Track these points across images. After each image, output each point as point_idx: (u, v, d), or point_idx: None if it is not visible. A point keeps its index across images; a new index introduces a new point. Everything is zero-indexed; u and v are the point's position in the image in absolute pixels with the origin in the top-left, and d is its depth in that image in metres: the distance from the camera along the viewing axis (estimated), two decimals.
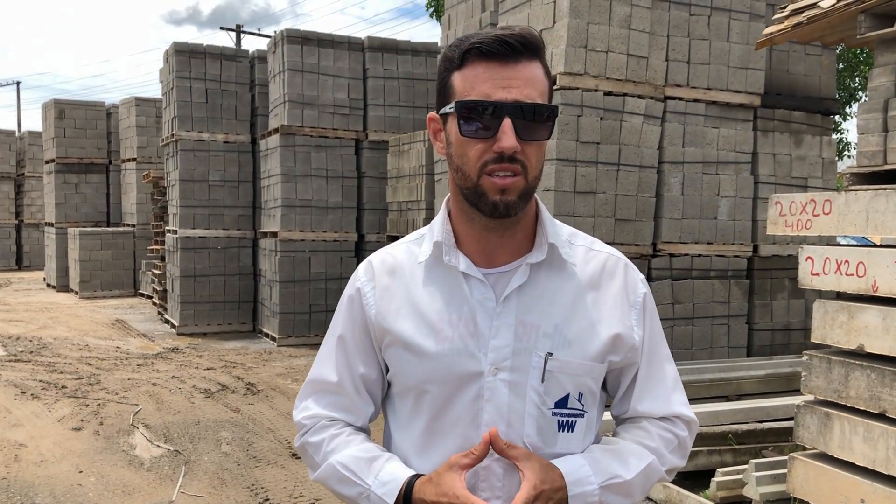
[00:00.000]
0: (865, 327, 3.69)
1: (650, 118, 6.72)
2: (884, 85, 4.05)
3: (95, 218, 17.44)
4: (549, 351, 1.33)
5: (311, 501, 4.74)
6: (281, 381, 8.05)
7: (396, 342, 1.38)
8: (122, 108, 16.60)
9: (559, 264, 1.38)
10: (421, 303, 1.38)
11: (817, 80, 7.69)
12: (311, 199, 10.31)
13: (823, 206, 3.90)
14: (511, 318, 1.34)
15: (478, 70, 1.27)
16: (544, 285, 1.36)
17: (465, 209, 1.35)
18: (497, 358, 1.33)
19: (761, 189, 7.21)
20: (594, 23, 6.39)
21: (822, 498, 3.88)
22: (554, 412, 1.35)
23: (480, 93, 1.26)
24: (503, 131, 1.25)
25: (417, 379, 1.37)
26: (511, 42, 1.26)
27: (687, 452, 1.48)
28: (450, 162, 1.34)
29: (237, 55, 11.66)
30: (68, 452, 5.66)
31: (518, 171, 1.27)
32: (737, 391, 6.10)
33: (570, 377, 1.35)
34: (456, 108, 1.28)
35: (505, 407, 1.33)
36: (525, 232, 1.38)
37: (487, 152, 1.27)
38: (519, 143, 1.26)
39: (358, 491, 1.35)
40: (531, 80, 1.28)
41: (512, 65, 1.27)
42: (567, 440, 1.36)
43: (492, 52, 1.26)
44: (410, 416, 1.40)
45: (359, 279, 1.46)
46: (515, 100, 1.25)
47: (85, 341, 10.43)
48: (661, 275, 6.84)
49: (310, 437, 1.46)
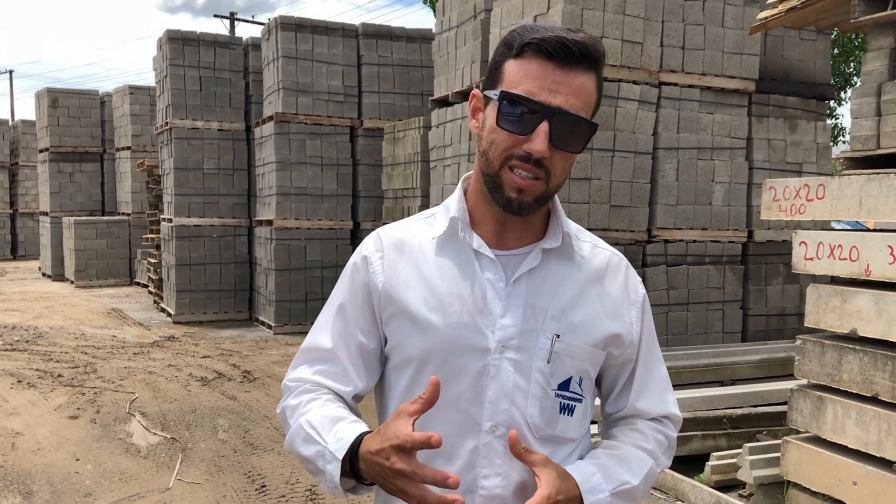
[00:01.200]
0: (858, 311, 3.71)
1: (645, 104, 6.72)
2: (877, 69, 4.05)
3: (90, 207, 17.39)
4: (557, 333, 1.35)
5: (308, 487, 4.76)
6: (277, 369, 8.06)
7: (402, 312, 1.37)
8: (115, 96, 16.53)
9: (569, 254, 1.41)
10: (431, 276, 1.38)
11: (812, 65, 7.68)
12: (306, 187, 10.29)
13: (817, 191, 3.91)
14: (520, 300, 1.35)
15: (531, 66, 1.27)
16: (554, 271, 1.39)
17: (484, 191, 1.36)
18: (504, 336, 1.34)
19: (756, 174, 7.22)
20: (588, 8, 6.37)
21: (816, 481, 3.91)
22: (557, 393, 1.36)
23: (527, 89, 1.26)
24: (537, 134, 1.25)
25: (421, 350, 1.35)
26: (571, 47, 1.25)
27: (674, 451, 1.53)
28: (479, 143, 1.35)
29: (231, 42, 11.60)
30: (65, 440, 5.67)
31: (541, 175, 1.28)
32: (731, 376, 6.12)
33: (573, 360, 1.37)
34: (500, 96, 1.28)
35: (510, 385, 1.34)
36: (539, 218, 1.40)
37: (516, 147, 1.27)
38: (549, 150, 1.26)
39: (316, 450, 1.31)
40: (580, 91, 1.27)
41: (566, 70, 1.26)
42: (566, 423, 1.38)
43: (550, 52, 1.25)
44: (409, 389, 1.38)
45: (367, 248, 1.44)
46: (559, 106, 1.25)
47: (81, 330, 10.43)
48: (655, 261, 6.86)
49: (290, 399, 1.43)
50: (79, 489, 4.77)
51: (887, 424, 3.55)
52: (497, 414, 1.34)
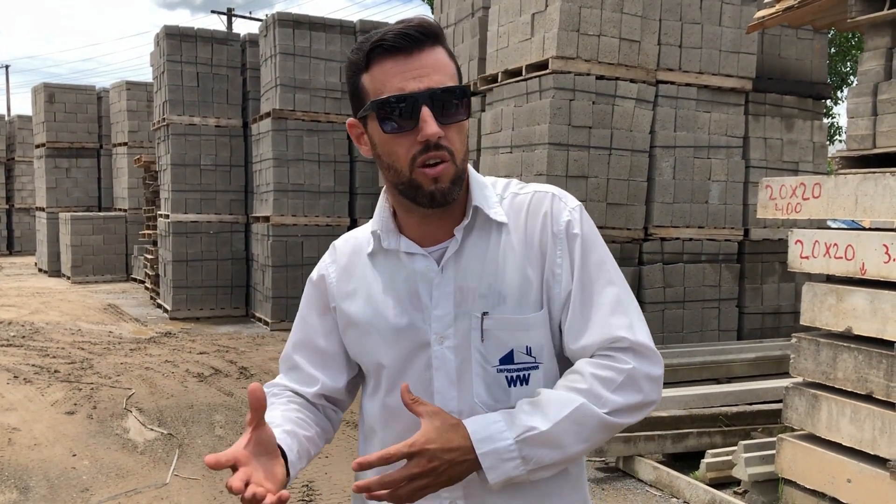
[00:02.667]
0: (853, 310, 3.73)
1: (642, 102, 6.73)
2: (873, 69, 4.07)
3: (87, 202, 17.36)
4: (485, 310, 1.35)
5: (305, 483, 4.77)
6: (274, 366, 8.06)
7: (351, 324, 1.44)
8: (112, 92, 16.50)
9: (489, 225, 1.39)
10: (372, 284, 1.43)
11: (809, 64, 7.70)
12: (303, 184, 10.29)
13: (813, 190, 3.93)
14: (450, 286, 1.36)
15: (385, 67, 1.28)
16: (476, 247, 1.38)
17: (402, 201, 1.37)
18: (440, 327, 1.36)
19: (752, 173, 7.24)
20: (586, 6, 6.38)
21: (810, 478, 3.93)
22: (500, 369, 1.36)
23: (393, 88, 1.27)
24: (423, 120, 1.26)
25: (372, 356, 1.42)
26: (412, 33, 1.27)
27: (642, 386, 1.30)
28: (379, 162, 1.35)
29: (228, 38, 11.58)
30: (62, 436, 5.67)
31: (446, 157, 1.29)
32: (727, 374, 6.15)
33: (509, 332, 1.35)
34: (372, 108, 1.29)
35: (454, 372, 1.35)
36: (460, 204, 1.39)
37: (414, 145, 1.28)
38: (441, 129, 1.27)
39: None
40: (438, 66, 1.29)
41: (416, 55, 1.28)
42: (523, 393, 1.35)
43: (396, 46, 1.27)
44: (373, 390, 1.45)
45: (324, 261, 1.53)
46: (428, 87, 1.27)
47: (77, 326, 10.42)
48: (652, 259, 6.88)
49: None
50: (75, 485, 4.77)
51: (881, 422, 3.57)
52: (447, 402, 1.35)
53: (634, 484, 4.77)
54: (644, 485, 4.74)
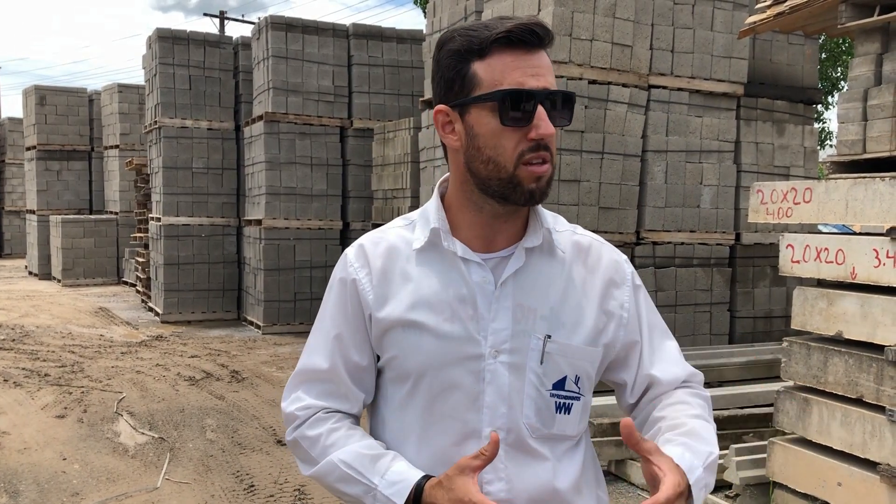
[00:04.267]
0: (844, 314, 3.75)
1: (634, 107, 6.75)
2: (864, 74, 4.09)
3: (78, 205, 17.29)
4: (548, 333, 1.34)
5: (297, 488, 4.76)
6: (266, 369, 8.05)
7: (395, 326, 1.36)
8: (104, 94, 16.45)
9: (550, 249, 1.39)
10: (421, 286, 1.36)
11: (800, 69, 7.74)
12: (295, 187, 10.28)
13: (804, 195, 3.95)
14: (509, 302, 1.35)
15: (506, 59, 1.27)
16: (539, 269, 1.38)
17: (475, 199, 1.35)
18: (497, 340, 1.33)
19: (744, 178, 7.27)
20: (579, 11, 6.40)
21: (801, 482, 3.94)
22: (552, 393, 1.36)
23: (513, 82, 1.26)
24: (540, 118, 1.26)
25: (418, 362, 1.35)
26: (537, 31, 1.27)
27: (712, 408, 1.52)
28: (475, 154, 1.31)
29: (221, 41, 11.57)
30: (52, 440, 5.64)
31: (548, 158, 1.30)
32: (719, 378, 6.16)
33: (567, 359, 1.36)
34: (497, 97, 1.26)
35: (506, 388, 1.33)
36: (521, 217, 1.39)
37: (522, 141, 1.28)
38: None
39: (363, 489, 1.32)
40: (550, 69, 1.31)
41: (533, 53, 1.28)
42: (564, 422, 1.37)
43: (522, 40, 1.27)
44: (407, 400, 1.38)
45: (351, 264, 1.41)
46: (545, 87, 1.28)
47: (68, 329, 10.38)
48: (644, 262, 6.89)
49: (306, 430, 1.41)
50: (66, 489, 4.75)
51: (871, 426, 3.59)
52: (496, 419, 1.34)
53: (626, 487, 4.78)
54: (636, 488, 4.75)
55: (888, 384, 3.51)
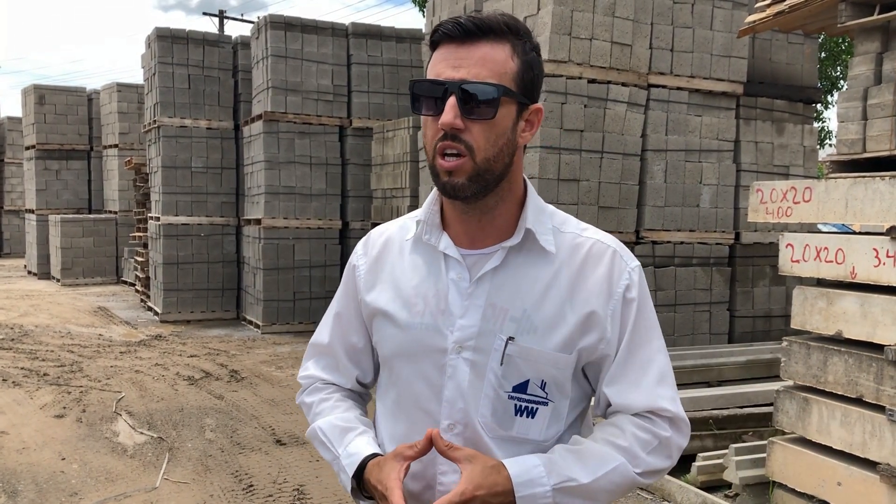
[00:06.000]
0: (844, 313, 3.74)
1: (634, 106, 6.75)
2: (863, 74, 4.09)
3: (77, 205, 17.28)
4: (512, 335, 1.33)
5: (296, 487, 4.75)
6: (265, 369, 8.04)
7: (377, 313, 1.45)
8: (103, 93, 16.43)
9: (537, 251, 1.37)
10: (401, 277, 1.43)
11: (799, 68, 7.74)
12: (294, 187, 10.27)
13: (803, 194, 3.94)
14: (481, 300, 1.35)
15: (439, 53, 1.32)
16: (519, 270, 1.36)
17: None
18: (462, 336, 1.35)
19: (743, 177, 7.26)
20: (578, 10, 6.39)
21: (800, 481, 3.94)
22: (511, 395, 1.35)
23: (434, 72, 1.30)
24: (446, 108, 1.27)
25: (390, 350, 1.43)
26: (465, 24, 1.28)
27: (673, 454, 1.38)
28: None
29: (220, 41, 11.56)
30: (50, 440, 5.64)
31: (463, 151, 1.27)
32: (718, 377, 6.15)
33: (529, 364, 1.34)
34: (409, 87, 1.33)
35: (465, 385, 1.35)
36: (507, 217, 1.38)
37: (438, 132, 1.29)
38: (464, 123, 1.26)
39: (331, 457, 1.45)
40: (484, 61, 1.28)
41: (466, 46, 1.29)
42: (526, 425, 1.36)
43: (447, 34, 1.30)
44: (386, 386, 1.48)
45: (356, 251, 1.54)
46: (462, 78, 1.27)
47: (67, 329, 10.37)
48: (643, 262, 6.88)
49: (305, 397, 1.59)
50: (64, 488, 4.74)
51: (871, 426, 3.58)
52: (453, 413, 1.36)
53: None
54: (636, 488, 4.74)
55: (888, 384, 3.51)
